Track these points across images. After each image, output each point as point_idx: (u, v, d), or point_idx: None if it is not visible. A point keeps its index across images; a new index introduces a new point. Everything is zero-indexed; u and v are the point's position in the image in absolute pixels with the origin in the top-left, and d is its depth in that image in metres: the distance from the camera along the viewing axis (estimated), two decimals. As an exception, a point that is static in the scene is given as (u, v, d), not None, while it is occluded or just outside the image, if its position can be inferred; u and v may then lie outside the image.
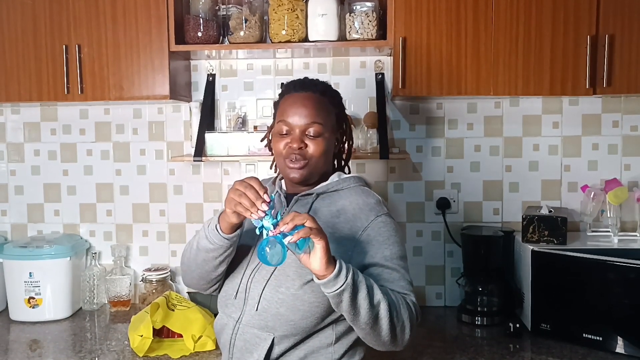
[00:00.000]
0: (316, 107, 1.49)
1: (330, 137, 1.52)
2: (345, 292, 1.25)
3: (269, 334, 1.42)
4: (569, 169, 2.38)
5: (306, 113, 1.48)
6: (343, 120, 1.60)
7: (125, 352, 1.96)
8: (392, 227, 1.46)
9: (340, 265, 1.25)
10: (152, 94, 2.16)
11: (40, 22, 2.15)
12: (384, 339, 1.33)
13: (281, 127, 1.50)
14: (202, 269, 1.50)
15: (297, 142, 1.47)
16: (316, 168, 1.50)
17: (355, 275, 1.27)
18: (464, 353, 1.93)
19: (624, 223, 2.31)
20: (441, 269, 2.43)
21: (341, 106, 1.60)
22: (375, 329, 1.31)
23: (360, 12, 2.13)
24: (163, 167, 2.50)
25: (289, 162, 1.49)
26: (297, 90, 1.52)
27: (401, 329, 1.33)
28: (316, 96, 1.51)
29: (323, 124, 1.49)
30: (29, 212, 2.56)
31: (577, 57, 2.02)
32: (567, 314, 2.00)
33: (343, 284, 1.24)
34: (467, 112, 2.39)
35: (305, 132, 1.48)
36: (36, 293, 2.28)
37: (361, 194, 1.51)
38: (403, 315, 1.33)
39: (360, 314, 1.27)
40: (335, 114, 1.55)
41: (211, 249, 1.44)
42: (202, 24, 2.18)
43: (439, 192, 2.41)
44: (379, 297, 1.29)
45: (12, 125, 2.54)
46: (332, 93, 1.57)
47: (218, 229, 1.42)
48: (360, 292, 1.26)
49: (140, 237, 2.53)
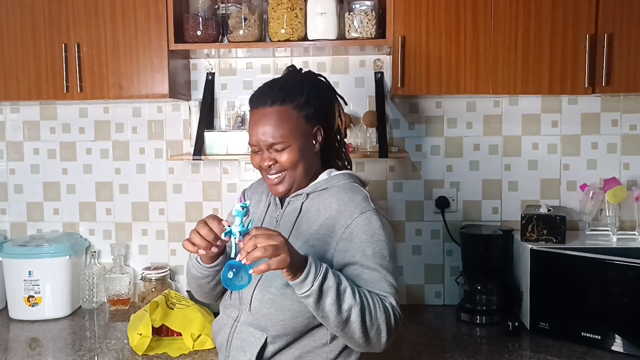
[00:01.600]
0: (275, 122, 1.44)
1: (302, 142, 1.46)
2: (310, 297, 1.27)
3: (262, 334, 1.43)
4: (568, 168, 2.38)
5: (267, 131, 1.44)
6: (318, 113, 1.50)
7: (125, 351, 1.96)
8: (378, 224, 1.42)
9: (308, 272, 1.26)
10: (151, 93, 2.16)
11: (40, 20, 2.15)
12: (358, 341, 1.34)
13: (251, 145, 1.50)
14: (201, 290, 1.57)
15: (267, 160, 1.46)
16: (296, 175, 1.48)
17: (325, 280, 1.27)
18: (463, 352, 1.94)
19: (622, 222, 2.31)
20: (440, 268, 2.44)
21: (311, 101, 1.48)
22: (346, 333, 1.32)
23: (359, 11, 2.13)
24: (162, 165, 2.50)
25: (267, 178, 1.50)
26: (257, 107, 1.48)
27: (376, 333, 1.33)
28: (274, 110, 1.44)
29: (285, 136, 1.44)
30: (29, 210, 2.57)
31: (576, 56, 2.02)
32: (565, 313, 2.00)
33: (308, 290, 1.26)
34: (466, 111, 2.39)
35: (272, 149, 1.46)
36: (36, 292, 2.28)
37: (348, 191, 1.48)
38: (379, 319, 1.32)
39: (328, 317, 1.29)
40: (303, 117, 1.47)
41: (199, 277, 1.51)
42: (202, 23, 2.18)
43: (438, 191, 2.41)
44: (350, 303, 1.29)
45: (12, 124, 2.55)
46: (295, 95, 1.47)
47: (199, 260, 1.47)
48: (327, 297, 1.27)
49: (140, 235, 2.53)
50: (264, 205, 1.60)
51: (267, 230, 1.26)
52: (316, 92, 1.51)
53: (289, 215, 1.51)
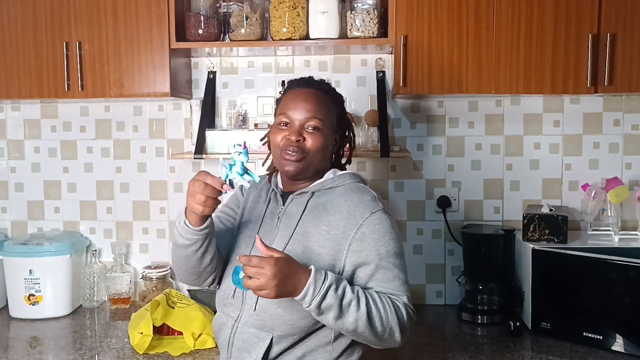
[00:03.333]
0: (318, 103, 1.50)
1: (329, 135, 1.52)
2: (312, 313, 1.31)
3: (267, 334, 1.42)
4: (569, 168, 2.38)
5: (307, 107, 1.48)
6: (344, 122, 1.61)
7: (126, 350, 1.96)
8: (388, 223, 1.44)
9: (306, 293, 1.28)
10: (152, 92, 2.15)
11: (41, 18, 2.14)
12: (371, 342, 1.39)
13: (281, 119, 1.51)
14: (187, 264, 1.50)
15: (295, 135, 1.47)
16: (312, 163, 1.50)
17: (325, 299, 1.29)
18: (464, 351, 1.93)
19: (624, 222, 2.31)
20: (441, 268, 2.43)
21: (343, 109, 1.61)
22: (358, 337, 1.37)
23: (361, 10, 2.12)
24: (163, 164, 2.50)
25: (285, 155, 1.48)
26: (300, 86, 1.54)
27: (389, 335, 1.37)
28: (319, 93, 1.52)
29: (323, 119, 1.49)
30: (29, 209, 2.56)
31: (579, 55, 2.02)
32: (567, 313, 2.00)
33: (307, 307, 1.30)
34: (468, 111, 2.38)
35: (305, 126, 1.48)
36: (36, 290, 2.28)
37: (356, 191, 1.50)
38: (390, 322, 1.35)
39: (335, 328, 1.35)
40: (336, 115, 1.56)
41: (187, 244, 1.45)
42: (203, 21, 2.17)
43: (440, 190, 2.41)
44: (355, 316, 1.31)
45: (13, 122, 2.54)
46: (335, 94, 1.59)
47: (187, 224, 1.42)
48: (329, 313, 1.30)
49: (141, 234, 2.53)
50: (264, 201, 1.59)
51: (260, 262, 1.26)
52: (343, 106, 1.62)
53: (292, 212, 1.50)
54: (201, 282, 1.56)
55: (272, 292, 1.25)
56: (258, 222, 1.55)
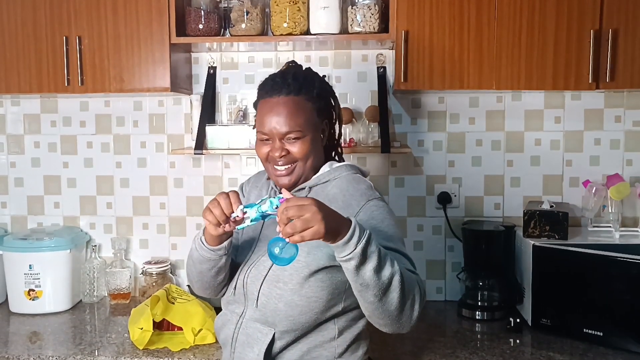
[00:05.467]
0: (292, 112, 1.44)
1: (313, 134, 1.47)
2: (352, 261, 1.19)
3: (270, 329, 1.42)
4: (570, 164, 2.37)
5: (282, 121, 1.43)
6: (327, 108, 1.54)
7: (125, 345, 1.96)
8: (386, 210, 1.43)
9: (352, 234, 1.19)
10: (152, 87, 2.15)
11: (40, 13, 2.13)
12: (392, 314, 1.27)
13: (260, 135, 1.48)
14: (202, 280, 1.53)
15: (278, 151, 1.45)
16: (304, 169, 1.48)
17: (369, 245, 1.21)
18: (464, 348, 1.93)
19: (625, 218, 2.30)
20: (442, 264, 2.43)
21: (322, 96, 1.51)
22: (384, 303, 1.24)
23: (362, 5, 2.11)
24: (163, 159, 2.49)
25: (275, 170, 1.47)
26: (270, 95, 1.47)
27: (411, 305, 1.28)
28: (290, 98, 1.45)
29: (301, 127, 1.44)
30: (29, 204, 2.56)
31: (581, 51, 2.01)
32: (567, 309, 2.00)
33: (350, 253, 1.19)
34: (469, 107, 2.38)
35: (285, 139, 1.45)
36: (36, 285, 2.28)
37: (352, 182, 1.49)
38: (414, 290, 1.28)
39: (368, 285, 1.22)
40: (314, 109, 1.48)
41: (202, 261, 1.47)
42: (203, 16, 2.17)
43: (440, 186, 2.40)
44: (392, 270, 1.23)
45: (12, 117, 2.54)
46: (308, 87, 1.48)
47: (203, 241, 1.44)
48: (369, 262, 1.20)
49: (141, 230, 2.52)
50: None
51: (298, 201, 1.19)
52: (324, 87, 1.54)
53: None
54: (216, 295, 1.58)
55: (322, 226, 1.15)
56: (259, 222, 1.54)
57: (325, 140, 1.55)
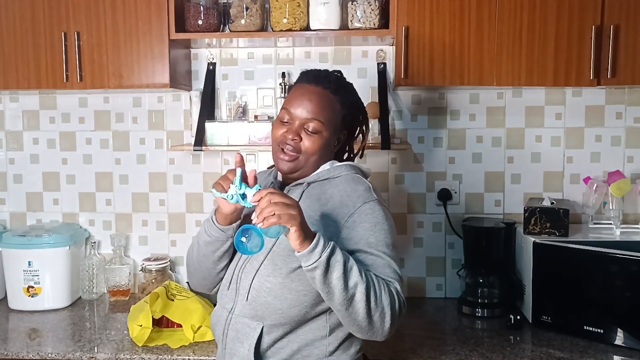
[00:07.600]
0: (321, 104, 1.47)
1: (329, 136, 1.49)
2: (317, 269, 1.25)
3: (258, 324, 1.42)
4: (571, 161, 2.36)
5: (310, 108, 1.46)
6: (351, 122, 1.57)
7: (125, 342, 1.96)
8: (380, 214, 1.43)
9: (317, 243, 1.25)
10: (151, 83, 2.14)
11: (39, 9, 2.12)
12: (361, 324, 1.30)
13: (283, 115, 1.50)
14: (203, 266, 1.53)
15: (292, 134, 1.46)
16: (306, 164, 1.49)
17: (333, 254, 1.26)
18: (464, 345, 1.93)
19: (626, 215, 2.30)
20: (442, 261, 2.43)
21: (352, 109, 1.55)
22: (350, 313, 1.29)
23: (362, 1, 2.10)
24: (163, 156, 2.49)
25: (280, 152, 1.49)
26: (309, 82, 1.51)
27: (380, 317, 1.30)
28: (326, 93, 1.49)
29: (324, 122, 1.47)
30: (28, 200, 2.55)
31: (582, 47, 2.00)
32: (568, 306, 2.00)
33: (316, 261, 1.25)
34: (469, 103, 2.37)
35: (304, 126, 1.47)
36: (35, 282, 2.27)
37: (350, 182, 1.49)
38: (383, 302, 1.30)
39: (334, 293, 1.27)
40: (342, 115, 1.52)
41: (209, 241, 1.48)
42: (203, 12, 2.16)
43: (441, 183, 2.40)
44: (356, 280, 1.27)
45: (11, 114, 2.53)
46: (345, 94, 1.53)
47: (214, 220, 1.46)
48: (334, 271, 1.26)
49: (140, 226, 2.52)
50: None
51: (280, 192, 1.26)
52: (359, 103, 1.59)
53: None
54: (212, 288, 1.60)
55: (298, 215, 1.24)
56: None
57: (337, 148, 1.57)
